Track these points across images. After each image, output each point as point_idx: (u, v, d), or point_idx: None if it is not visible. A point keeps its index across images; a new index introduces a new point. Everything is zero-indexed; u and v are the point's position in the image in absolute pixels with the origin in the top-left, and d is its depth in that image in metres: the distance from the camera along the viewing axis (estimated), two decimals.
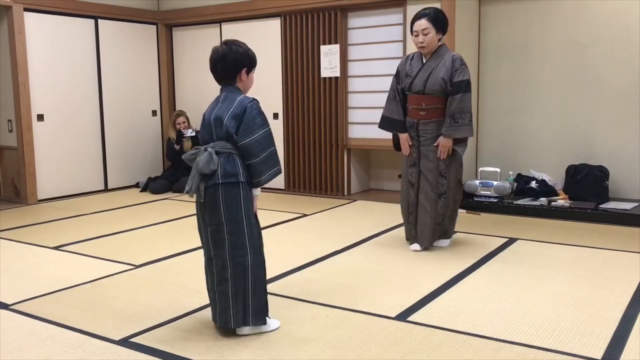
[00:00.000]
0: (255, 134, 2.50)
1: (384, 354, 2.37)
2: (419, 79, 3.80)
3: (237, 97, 2.55)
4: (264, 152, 2.52)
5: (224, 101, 2.56)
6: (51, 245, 4.21)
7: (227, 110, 2.51)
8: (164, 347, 2.47)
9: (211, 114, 2.57)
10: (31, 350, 2.47)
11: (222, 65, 2.58)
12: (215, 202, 2.49)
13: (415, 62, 3.87)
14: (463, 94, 3.70)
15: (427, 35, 3.73)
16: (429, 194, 3.82)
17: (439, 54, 3.79)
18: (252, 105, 2.53)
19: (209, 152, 2.48)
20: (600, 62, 5.19)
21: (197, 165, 2.48)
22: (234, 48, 2.59)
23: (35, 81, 5.92)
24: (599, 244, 3.96)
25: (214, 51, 2.60)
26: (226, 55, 2.57)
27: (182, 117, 6.63)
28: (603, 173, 5.01)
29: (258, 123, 2.52)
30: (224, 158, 2.49)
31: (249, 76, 2.66)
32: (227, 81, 2.61)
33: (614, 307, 2.83)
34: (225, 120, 2.50)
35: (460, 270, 3.44)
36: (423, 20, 3.74)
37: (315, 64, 5.99)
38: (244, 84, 2.65)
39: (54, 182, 6.14)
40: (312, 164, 6.16)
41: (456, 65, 3.73)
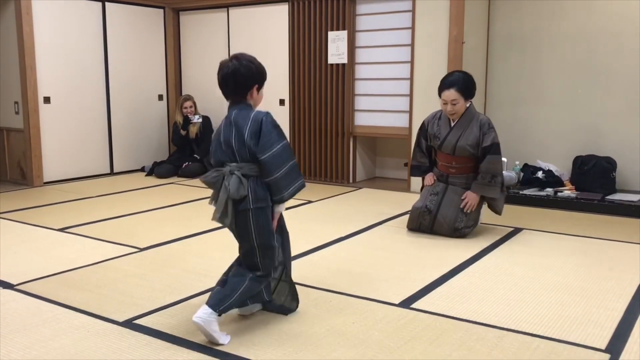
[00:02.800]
0: (273, 148, 2.38)
1: (386, 340, 2.37)
2: (448, 142, 3.88)
3: (250, 113, 2.43)
4: (284, 166, 2.40)
5: (238, 120, 2.43)
6: (56, 227, 4.23)
7: (245, 129, 2.39)
8: (167, 329, 2.48)
9: (229, 135, 2.43)
10: (35, 330, 2.49)
11: (233, 82, 2.45)
12: (246, 228, 2.41)
13: (443, 123, 3.93)
14: (492, 155, 3.79)
15: (455, 105, 3.79)
16: (444, 226, 3.88)
17: (467, 118, 3.86)
18: (266, 119, 2.41)
19: (237, 176, 2.36)
20: (608, 54, 5.15)
21: (228, 192, 2.35)
22: (245, 64, 2.45)
23: (42, 64, 5.91)
24: (604, 235, 3.95)
25: (223, 66, 2.47)
26: (237, 71, 2.44)
27: (189, 101, 6.62)
28: (610, 164, 4.98)
29: (275, 137, 2.40)
30: (252, 182, 2.39)
31: (260, 92, 2.55)
32: (237, 97, 2.49)
33: (619, 298, 2.82)
34: (247, 139, 2.38)
35: (465, 259, 3.44)
36: (452, 91, 3.77)
37: (322, 50, 5.96)
38: (255, 100, 2.54)
39: (60, 164, 6.15)
40: (318, 151, 6.15)
41: (484, 129, 3.81)
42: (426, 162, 4.12)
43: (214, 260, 3.39)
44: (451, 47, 5.20)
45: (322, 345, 2.33)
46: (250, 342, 2.35)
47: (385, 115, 5.76)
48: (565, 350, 2.27)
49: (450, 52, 5.21)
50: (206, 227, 4.14)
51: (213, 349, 2.30)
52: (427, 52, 5.36)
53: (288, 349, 2.30)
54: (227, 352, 2.27)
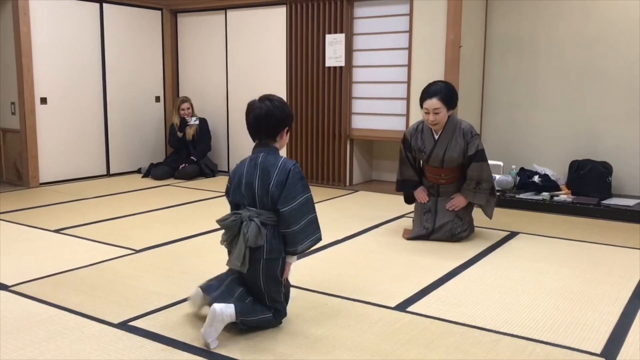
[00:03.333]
0: (296, 200, 2.38)
1: (382, 343, 2.37)
2: (435, 156, 3.87)
3: (277, 160, 2.41)
4: (303, 220, 2.41)
5: (267, 166, 2.40)
6: (52, 229, 4.22)
7: (272, 176, 2.38)
8: (162, 331, 2.47)
9: (252, 179, 2.42)
10: (30, 331, 2.48)
11: (266, 124, 2.42)
12: (255, 276, 2.42)
13: (427, 136, 3.89)
14: (477, 163, 3.79)
15: (438, 115, 3.75)
16: (442, 234, 3.88)
17: (449, 128, 3.83)
18: (294, 169, 2.40)
19: (257, 224, 2.35)
20: (605, 58, 5.16)
21: (246, 240, 2.35)
22: (279, 105, 2.44)
23: (39, 64, 5.90)
24: (600, 240, 3.95)
25: (254, 107, 2.43)
26: (271, 114, 2.41)
27: (186, 103, 6.62)
28: (606, 169, 4.99)
29: (299, 189, 2.39)
30: (270, 232, 2.39)
31: (287, 135, 2.55)
32: (266, 139, 2.47)
33: (614, 302, 2.83)
34: (272, 187, 2.37)
35: (461, 263, 3.44)
36: (434, 100, 3.72)
37: (320, 53, 5.96)
38: (282, 142, 2.53)
39: (56, 165, 6.14)
40: (315, 153, 6.15)
41: (467, 138, 3.80)
42: (414, 175, 4.03)
43: (210, 262, 3.38)
44: (448, 51, 5.21)
45: (318, 348, 2.32)
46: (245, 345, 2.35)
47: (382, 118, 5.77)
48: (561, 354, 2.27)
49: (447, 56, 5.23)
50: (202, 229, 4.14)
51: (208, 351, 2.29)
52: (425, 56, 5.37)
53: (283, 352, 2.29)
54: (222, 354, 2.27)
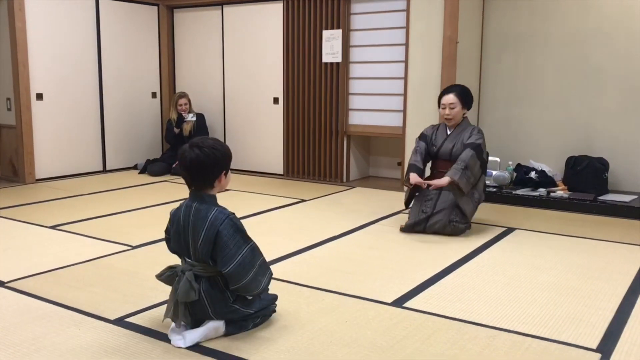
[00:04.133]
0: (237, 257, 2.25)
1: (379, 339, 2.37)
2: (444, 149, 4.06)
3: (208, 213, 2.27)
4: (252, 270, 2.30)
5: (196, 221, 2.29)
6: (48, 225, 4.20)
7: (200, 233, 2.27)
8: (159, 327, 2.47)
9: (185, 229, 2.33)
10: (26, 328, 2.47)
11: (199, 174, 2.30)
12: (205, 316, 2.36)
13: (440, 133, 4.13)
14: (471, 150, 3.87)
15: (453, 109, 4.00)
16: (439, 222, 3.89)
17: (462, 127, 4.05)
18: (225, 225, 2.25)
19: (187, 279, 2.25)
20: (602, 54, 5.17)
21: (177, 295, 2.28)
22: (209, 152, 2.27)
23: (34, 60, 5.88)
24: (596, 236, 3.96)
25: (184, 157, 2.29)
26: (202, 162, 2.26)
27: (184, 98, 6.59)
28: (603, 165, 5.00)
29: (238, 243, 2.27)
30: (205, 284, 2.30)
31: (227, 176, 2.39)
32: (202, 186, 2.34)
33: (610, 297, 2.83)
34: (200, 244, 2.28)
35: (458, 258, 3.44)
36: (451, 95, 4.02)
37: (317, 49, 5.95)
38: (222, 186, 2.38)
39: (52, 161, 6.12)
40: (312, 149, 6.15)
41: (473, 132, 3.98)
42: (420, 162, 4.10)
43: None
44: (445, 47, 5.21)
45: (314, 344, 2.32)
46: (242, 341, 2.34)
47: (379, 114, 5.76)
48: (557, 350, 2.28)
49: (444, 52, 5.22)
50: None
51: (204, 347, 2.29)
52: (421, 52, 5.37)
53: (280, 347, 2.29)
54: (219, 350, 2.27)
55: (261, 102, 6.49)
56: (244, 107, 6.66)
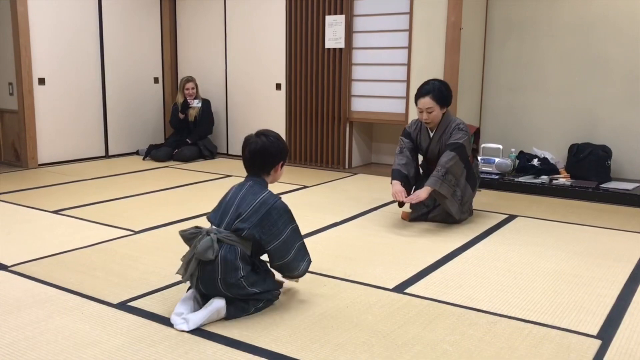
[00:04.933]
0: (282, 235, 2.41)
1: (380, 324, 2.38)
2: (431, 152, 3.91)
3: (260, 194, 2.43)
4: (293, 249, 2.45)
5: (247, 196, 2.44)
6: (51, 209, 4.22)
7: (249, 204, 2.40)
8: (161, 312, 2.48)
9: (232, 201, 2.45)
10: (29, 311, 2.49)
11: (261, 159, 2.49)
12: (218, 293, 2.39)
13: (423, 134, 3.93)
14: (453, 153, 3.70)
15: (431, 113, 3.76)
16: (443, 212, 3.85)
17: (444, 125, 3.83)
18: (277, 204, 2.42)
19: (211, 239, 2.34)
20: (606, 41, 5.14)
21: (195, 249, 2.34)
22: (274, 141, 2.50)
23: (36, 45, 5.86)
24: (598, 223, 3.96)
25: (250, 142, 2.49)
26: (267, 149, 2.48)
27: (191, 82, 6.55)
28: (606, 153, 4.99)
29: (284, 222, 2.42)
30: (225, 249, 2.36)
31: (282, 169, 2.59)
32: (259, 173, 2.52)
33: (611, 285, 2.84)
34: (242, 216, 2.38)
35: (459, 245, 3.45)
36: (427, 99, 3.74)
37: (319, 35, 5.92)
38: (275, 176, 2.58)
39: (54, 146, 6.13)
40: (314, 136, 6.14)
41: (455, 130, 3.77)
42: (403, 168, 3.86)
43: None
44: (449, 33, 5.18)
45: (316, 329, 2.34)
46: (244, 325, 2.36)
47: (382, 101, 5.75)
48: (558, 336, 2.28)
49: (448, 38, 5.19)
50: (201, 211, 4.14)
51: (206, 331, 2.30)
52: (425, 38, 5.34)
53: (282, 332, 2.30)
54: (220, 334, 2.28)
55: (263, 88, 6.47)
56: (246, 93, 6.64)
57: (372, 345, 2.20)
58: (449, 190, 3.73)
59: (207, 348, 2.17)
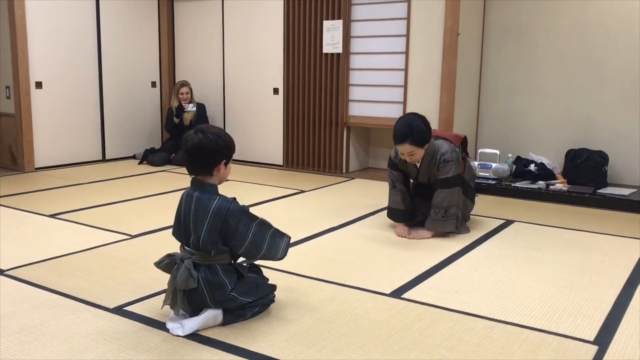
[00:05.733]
0: (247, 238, 2.33)
1: (377, 329, 2.38)
2: (421, 180, 3.82)
3: (211, 202, 2.30)
4: (265, 242, 2.38)
5: (197, 209, 2.32)
6: (47, 213, 4.21)
7: (202, 222, 2.29)
8: (158, 316, 2.48)
9: (187, 218, 2.36)
10: (25, 315, 2.48)
11: (199, 158, 2.32)
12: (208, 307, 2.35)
13: (409, 165, 3.77)
14: (451, 189, 3.64)
15: (413, 155, 3.61)
16: None
17: (428, 156, 3.66)
18: (230, 212, 2.29)
19: (186, 267, 2.27)
20: (604, 47, 5.15)
21: (176, 282, 2.29)
22: (212, 138, 2.31)
23: (34, 48, 5.86)
24: (595, 229, 3.97)
25: (187, 140, 2.33)
26: (204, 147, 2.30)
27: (185, 87, 6.55)
28: (602, 158, 5.00)
29: (245, 225, 2.32)
30: (204, 271, 2.30)
31: (227, 167, 2.41)
32: (202, 174, 2.37)
33: (608, 290, 2.84)
34: (203, 236, 2.29)
35: (456, 250, 3.45)
36: (406, 145, 3.53)
37: (317, 40, 5.93)
38: (221, 176, 2.41)
39: (51, 150, 6.12)
40: (311, 140, 6.14)
41: (442, 162, 3.64)
42: (400, 204, 3.81)
43: None
44: (446, 38, 5.19)
45: (313, 334, 2.33)
46: (240, 331, 2.35)
47: (379, 105, 5.75)
48: (555, 342, 2.28)
49: (445, 43, 5.21)
50: None
51: (203, 336, 2.30)
52: (422, 43, 5.35)
53: (278, 337, 2.30)
54: (216, 339, 2.27)
55: (261, 93, 6.48)
56: (243, 97, 6.64)
57: (370, 351, 2.20)
58: (453, 225, 3.69)
59: (203, 353, 2.17)
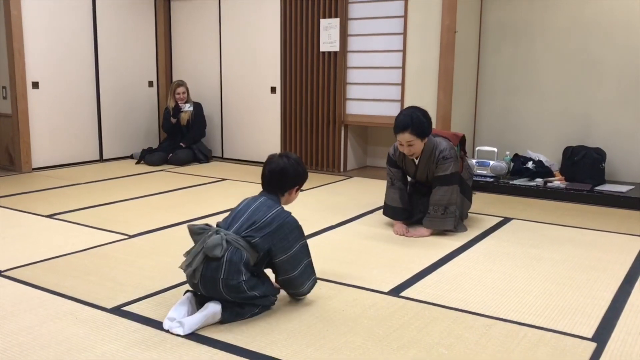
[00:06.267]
0: (292, 249, 2.46)
1: (376, 327, 2.38)
2: (419, 177, 3.85)
3: (272, 209, 2.48)
4: (301, 266, 2.49)
5: (260, 208, 2.48)
6: (45, 214, 4.20)
7: (261, 215, 2.44)
8: (156, 316, 2.47)
9: (244, 210, 2.49)
10: (23, 316, 2.47)
11: (279, 179, 2.57)
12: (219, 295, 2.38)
13: (408, 161, 3.81)
14: (449, 186, 3.66)
15: (412, 146, 3.62)
16: None
17: (427, 152, 3.69)
18: (289, 219, 2.48)
19: (221, 236, 2.37)
20: (601, 45, 5.16)
21: (205, 244, 2.36)
22: (293, 164, 2.59)
23: (30, 48, 5.85)
24: (593, 226, 3.97)
25: (272, 161, 2.58)
26: (286, 171, 2.56)
27: (182, 87, 6.54)
28: (600, 155, 5.01)
29: (295, 238, 2.48)
30: (231, 250, 2.37)
31: (297, 193, 2.68)
32: (275, 191, 2.59)
33: (606, 287, 2.84)
34: (257, 225, 2.42)
35: (454, 248, 3.45)
36: (406, 134, 3.55)
37: (314, 38, 5.93)
38: (289, 199, 2.65)
39: (48, 150, 6.11)
40: (309, 139, 6.14)
41: (439, 158, 3.66)
42: (398, 202, 3.83)
43: None
44: (444, 36, 5.19)
45: (311, 332, 2.33)
46: (238, 330, 2.35)
47: (376, 104, 5.75)
48: (553, 339, 2.29)
49: (442, 41, 5.21)
50: (195, 215, 4.13)
51: (201, 335, 2.29)
52: (420, 41, 5.35)
53: (277, 336, 2.30)
54: (215, 338, 2.27)
55: (258, 91, 6.47)
56: (241, 96, 6.63)
57: (368, 349, 2.20)
58: (452, 223, 3.69)
59: (202, 352, 2.16)
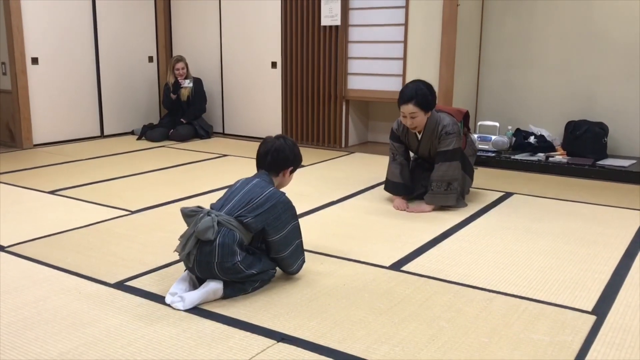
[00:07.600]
0: (284, 229, 2.47)
1: (376, 301, 2.39)
2: (421, 153, 3.86)
3: (266, 189, 2.49)
4: (292, 246, 2.51)
5: (255, 187, 2.50)
6: (47, 190, 4.20)
7: (254, 196, 2.44)
8: (158, 291, 2.49)
9: (237, 190, 2.51)
10: (27, 291, 2.49)
11: (273, 158, 2.60)
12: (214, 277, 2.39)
13: (411, 137, 3.80)
14: (452, 162, 3.65)
15: (415, 119, 3.60)
16: None
17: (431, 126, 3.68)
18: (283, 199, 2.49)
19: (212, 218, 2.36)
20: (604, 19, 5.10)
21: (195, 227, 2.35)
22: (290, 145, 2.64)
23: (29, 24, 5.79)
24: (594, 200, 3.97)
25: (268, 142, 2.63)
26: (282, 150, 2.61)
27: (181, 62, 6.49)
28: (602, 130, 4.98)
29: (287, 218, 2.48)
30: (223, 232, 2.36)
31: (291, 176, 2.70)
32: (268, 172, 2.62)
33: (606, 261, 2.85)
34: (250, 205, 2.42)
35: (456, 223, 3.45)
36: (410, 106, 3.56)
37: (315, 12, 5.86)
38: (283, 180, 2.67)
39: (49, 127, 6.09)
40: (310, 114, 6.11)
41: (443, 133, 3.65)
42: (399, 177, 3.82)
43: None
44: (446, 9, 5.13)
45: (313, 306, 2.35)
46: (241, 304, 2.37)
47: (378, 79, 5.71)
48: (553, 312, 2.30)
49: (444, 14, 5.15)
50: (197, 191, 4.14)
51: (204, 309, 2.31)
52: (422, 14, 5.29)
53: (279, 310, 2.31)
54: (217, 312, 2.29)
55: (259, 67, 6.42)
56: (241, 72, 6.59)
57: (369, 323, 2.21)
58: (454, 199, 3.68)
59: (205, 326, 2.18)
